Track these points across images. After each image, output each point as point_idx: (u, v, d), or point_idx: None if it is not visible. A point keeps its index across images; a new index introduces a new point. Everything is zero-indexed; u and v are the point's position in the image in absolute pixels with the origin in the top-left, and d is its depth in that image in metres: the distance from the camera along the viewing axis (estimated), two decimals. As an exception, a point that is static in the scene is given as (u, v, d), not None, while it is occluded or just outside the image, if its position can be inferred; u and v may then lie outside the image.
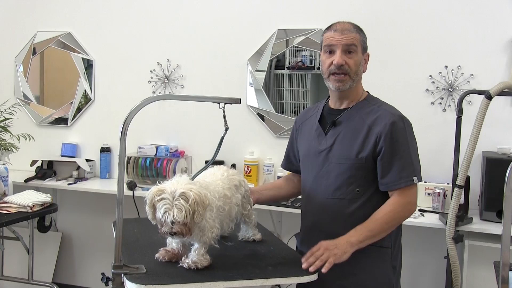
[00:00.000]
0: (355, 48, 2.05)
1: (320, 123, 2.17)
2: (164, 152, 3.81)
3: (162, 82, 3.97)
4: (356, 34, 2.06)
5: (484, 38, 3.26)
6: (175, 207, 1.67)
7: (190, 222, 1.69)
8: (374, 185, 2.04)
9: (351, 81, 2.06)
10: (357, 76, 2.07)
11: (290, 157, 2.37)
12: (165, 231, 1.71)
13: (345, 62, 2.03)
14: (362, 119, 2.06)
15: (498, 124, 3.20)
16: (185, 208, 1.66)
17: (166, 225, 1.70)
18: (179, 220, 1.67)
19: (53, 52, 4.23)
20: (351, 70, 2.04)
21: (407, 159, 2.00)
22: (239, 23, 3.78)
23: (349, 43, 2.03)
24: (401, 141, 2.00)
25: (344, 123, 2.09)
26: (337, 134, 2.09)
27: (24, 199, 3.23)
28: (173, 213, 1.66)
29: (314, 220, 2.15)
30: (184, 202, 1.67)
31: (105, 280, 1.77)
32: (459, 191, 2.65)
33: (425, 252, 3.43)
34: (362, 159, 2.01)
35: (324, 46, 2.09)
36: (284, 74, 3.72)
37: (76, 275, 4.33)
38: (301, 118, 2.33)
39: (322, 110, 2.20)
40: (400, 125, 2.01)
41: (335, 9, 3.54)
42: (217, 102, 1.89)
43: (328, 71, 2.06)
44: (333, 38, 2.05)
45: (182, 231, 1.70)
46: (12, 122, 3.66)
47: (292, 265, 1.90)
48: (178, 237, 1.74)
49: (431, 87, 3.37)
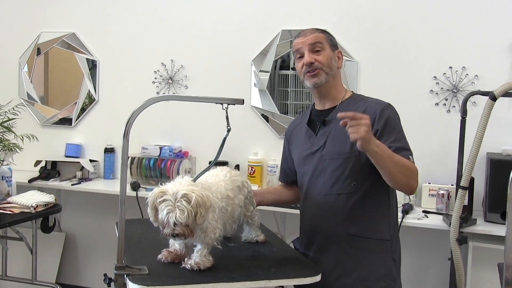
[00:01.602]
0: (321, 45, 2.12)
1: (310, 126, 2.21)
2: (168, 152, 3.81)
3: (166, 82, 3.97)
4: (319, 33, 2.15)
5: (488, 39, 3.25)
6: (177, 209, 1.66)
7: (192, 223, 1.69)
8: (370, 178, 2.03)
9: (325, 74, 2.12)
10: (331, 70, 2.13)
11: (285, 170, 2.40)
12: (167, 233, 1.70)
13: (314, 59, 2.10)
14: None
15: (502, 125, 3.19)
16: (187, 210, 1.66)
17: (168, 227, 1.69)
18: (181, 222, 1.66)
19: (58, 52, 4.24)
20: (323, 65, 2.11)
21: (400, 141, 2.00)
22: (243, 23, 3.78)
23: (313, 41, 2.12)
24: (393, 125, 2.03)
25: (333, 121, 2.11)
26: (328, 133, 2.12)
27: (28, 200, 3.24)
28: (175, 214, 1.66)
29: (314, 219, 2.15)
30: (186, 203, 1.66)
31: (108, 281, 1.76)
32: (463, 193, 2.64)
33: (429, 253, 3.42)
34: (356, 151, 2.00)
35: (294, 53, 2.19)
36: (288, 75, 3.71)
37: (80, 276, 4.34)
38: (290, 128, 2.37)
39: (310, 114, 2.25)
40: (389, 112, 2.05)
41: (339, 9, 3.54)
42: (220, 103, 1.88)
43: (302, 72, 2.14)
44: (298, 43, 2.15)
45: (184, 232, 1.69)
46: (16, 123, 3.66)
47: (295, 266, 1.89)
48: (180, 239, 1.74)
49: (435, 88, 3.36)
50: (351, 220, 2.04)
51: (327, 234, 2.09)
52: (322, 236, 2.11)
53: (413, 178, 1.97)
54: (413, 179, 1.97)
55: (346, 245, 2.06)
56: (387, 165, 1.89)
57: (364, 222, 2.05)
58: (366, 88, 3.36)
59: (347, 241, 2.06)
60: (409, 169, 1.95)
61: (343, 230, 2.05)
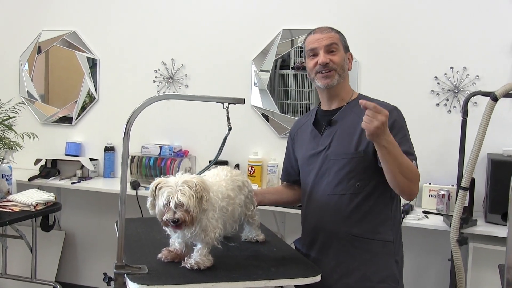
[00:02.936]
0: (337, 46, 2.12)
1: (315, 126, 2.20)
2: (168, 151, 3.81)
3: (167, 81, 3.97)
4: (335, 33, 2.15)
5: (490, 40, 3.25)
6: (179, 192, 1.67)
7: (193, 210, 1.68)
8: (374, 179, 2.03)
9: (338, 76, 2.12)
10: (343, 72, 2.14)
11: (288, 170, 2.39)
12: (167, 218, 1.69)
13: (329, 60, 2.10)
14: (356, 115, 2.06)
15: (503, 126, 3.19)
16: (189, 193, 1.67)
17: (169, 211, 1.69)
18: (183, 203, 1.66)
19: (58, 51, 4.23)
20: (337, 66, 2.11)
21: (404, 145, 1.99)
22: (244, 23, 3.77)
23: (330, 42, 2.11)
24: (398, 128, 2.02)
25: (339, 121, 2.12)
26: (334, 133, 2.11)
27: (28, 198, 3.24)
28: (177, 196, 1.66)
29: (317, 219, 2.15)
30: (188, 188, 1.68)
31: (107, 280, 1.76)
32: (464, 193, 2.64)
33: (429, 254, 3.41)
34: (361, 152, 2.01)
35: (308, 51, 2.16)
36: (289, 74, 3.71)
37: (79, 274, 4.33)
38: (294, 128, 2.37)
39: (315, 114, 2.24)
40: (395, 115, 2.04)
41: (339, 9, 3.53)
42: (221, 102, 1.88)
43: (314, 70, 2.13)
44: (313, 41, 2.13)
45: (185, 218, 1.68)
46: (16, 121, 3.66)
47: (295, 266, 1.89)
48: (180, 229, 1.72)
49: (436, 88, 3.36)
50: (353, 221, 2.05)
51: (330, 234, 2.09)
52: (324, 235, 2.11)
53: (415, 183, 1.96)
54: (415, 184, 1.97)
55: (349, 245, 2.06)
56: (392, 163, 1.88)
57: (367, 223, 2.05)
58: (366, 88, 3.35)
59: (350, 241, 2.06)
60: (413, 172, 1.94)
61: (346, 230, 2.06)
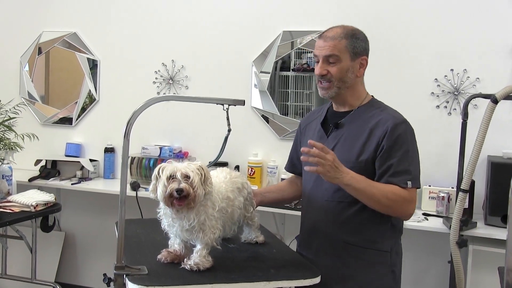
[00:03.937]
0: (337, 57, 2.02)
1: (323, 126, 2.17)
2: (168, 153, 3.81)
3: (167, 83, 3.97)
4: (340, 40, 2.02)
5: (490, 42, 3.25)
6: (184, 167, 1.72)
7: (198, 187, 1.70)
8: None
9: (336, 88, 2.06)
10: (344, 83, 2.05)
11: (293, 160, 2.37)
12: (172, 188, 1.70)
13: (327, 71, 2.04)
14: (364, 122, 2.05)
15: (503, 129, 3.19)
16: (194, 169, 1.71)
17: (174, 181, 1.70)
18: (188, 175, 1.69)
19: (59, 52, 4.24)
20: (335, 79, 2.04)
21: (403, 162, 1.96)
22: (244, 24, 3.78)
23: (329, 54, 2.03)
24: (401, 143, 1.98)
25: (346, 126, 2.09)
26: (339, 137, 2.09)
27: (28, 199, 3.24)
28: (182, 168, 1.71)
29: (314, 222, 2.14)
30: (193, 166, 1.73)
31: (107, 281, 1.76)
32: (464, 196, 2.63)
33: (429, 256, 3.41)
34: (362, 162, 2.00)
35: (314, 54, 2.13)
36: (289, 76, 3.71)
37: (79, 275, 4.33)
38: (305, 120, 2.33)
39: (326, 113, 2.21)
40: (401, 129, 1.99)
41: (340, 11, 3.53)
42: (221, 103, 1.88)
43: (317, 77, 2.11)
44: (317, 47, 2.08)
45: (189, 190, 1.69)
46: (16, 122, 3.66)
47: (294, 267, 1.89)
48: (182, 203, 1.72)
49: (436, 90, 3.36)
50: (348, 228, 2.03)
51: (325, 239, 2.08)
52: (320, 240, 2.11)
53: (400, 205, 1.95)
54: (400, 209, 1.97)
55: (344, 252, 2.05)
56: (362, 197, 1.93)
57: (363, 232, 2.03)
58: (366, 89, 3.34)
59: (344, 248, 2.04)
60: (394, 200, 1.92)
61: (340, 237, 2.04)
